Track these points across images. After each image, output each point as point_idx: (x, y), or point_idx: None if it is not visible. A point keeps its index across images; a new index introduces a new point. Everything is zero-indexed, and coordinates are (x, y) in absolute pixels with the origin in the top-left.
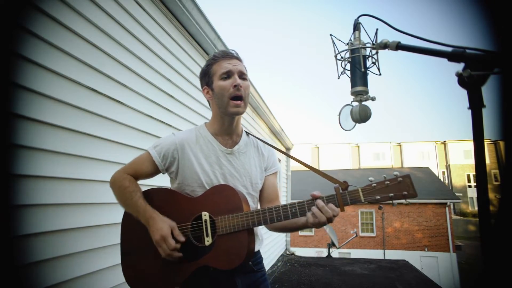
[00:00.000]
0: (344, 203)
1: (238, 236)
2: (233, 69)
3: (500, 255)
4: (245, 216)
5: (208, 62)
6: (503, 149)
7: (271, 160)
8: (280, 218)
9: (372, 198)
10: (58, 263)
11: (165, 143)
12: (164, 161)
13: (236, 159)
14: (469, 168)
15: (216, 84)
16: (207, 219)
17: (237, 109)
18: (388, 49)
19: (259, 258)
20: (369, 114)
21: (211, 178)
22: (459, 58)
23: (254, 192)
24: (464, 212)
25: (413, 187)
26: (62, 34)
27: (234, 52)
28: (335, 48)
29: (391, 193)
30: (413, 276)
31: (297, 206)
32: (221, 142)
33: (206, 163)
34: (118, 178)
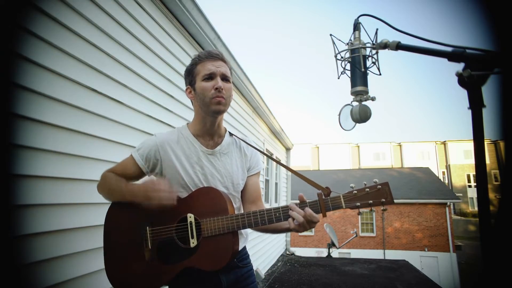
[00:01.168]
0: (326, 209)
1: (222, 238)
2: (216, 71)
3: (500, 255)
4: (230, 219)
5: (192, 61)
6: (503, 149)
7: (254, 160)
8: (264, 221)
9: (352, 204)
10: (58, 263)
11: (146, 145)
12: (147, 163)
13: (218, 160)
14: (469, 168)
15: (198, 85)
16: (192, 221)
17: (218, 106)
18: (388, 49)
19: (244, 255)
20: (369, 114)
21: (193, 178)
22: (459, 58)
23: (235, 192)
24: (464, 212)
25: (390, 195)
26: (62, 34)
27: (219, 54)
28: (335, 48)
29: (370, 200)
30: (413, 276)
31: (281, 210)
32: (203, 143)
33: (188, 163)
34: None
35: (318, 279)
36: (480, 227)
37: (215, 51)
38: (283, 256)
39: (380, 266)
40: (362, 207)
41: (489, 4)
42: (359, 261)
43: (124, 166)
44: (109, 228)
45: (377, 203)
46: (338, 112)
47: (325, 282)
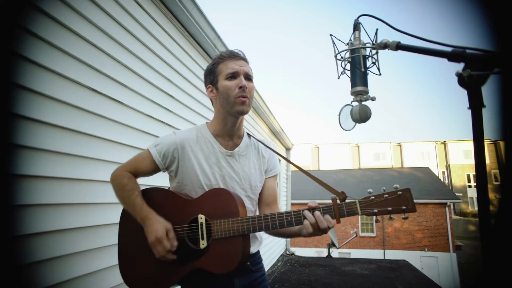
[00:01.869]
0: (341, 215)
1: (232, 241)
2: (240, 70)
3: (500, 255)
4: (241, 222)
5: (214, 61)
6: (503, 149)
7: (272, 162)
8: (275, 226)
9: (369, 211)
10: (58, 263)
11: (165, 142)
12: (164, 160)
13: (236, 162)
14: (469, 168)
15: (221, 84)
16: (203, 222)
17: (242, 107)
18: (388, 49)
19: (258, 259)
20: (369, 114)
21: (210, 180)
22: (459, 58)
23: (253, 195)
24: (464, 212)
25: (412, 202)
26: (62, 34)
27: (241, 53)
28: (335, 48)
29: (389, 207)
30: (413, 276)
31: (293, 215)
32: (222, 143)
33: (206, 164)
34: (118, 175)
35: (318, 279)
36: (480, 227)
37: (237, 50)
38: (283, 256)
39: (380, 266)
40: (380, 214)
41: (489, 4)
42: (359, 261)
43: (139, 161)
44: (123, 228)
45: (397, 210)
46: (338, 112)
47: (325, 282)
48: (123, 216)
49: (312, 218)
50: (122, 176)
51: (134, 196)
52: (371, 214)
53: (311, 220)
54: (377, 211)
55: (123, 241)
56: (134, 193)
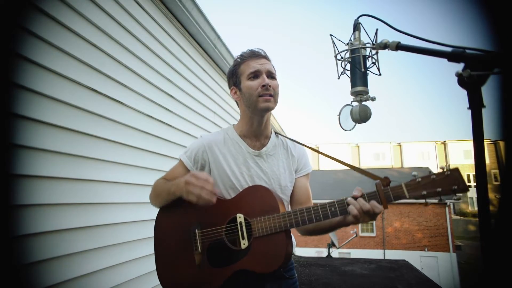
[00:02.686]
0: (387, 200)
1: (275, 238)
2: (261, 68)
3: (500, 255)
4: (282, 217)
5: (235, 62)
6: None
7: (302, 161)
8: (319, 218)
9: (417, 193)
10: (58, 263)
11: (194, 146)
12: (196, 164)
13: (264, 162)
14: (469, 168)
15: (244, 84)
16: (242, 221)
17: (267, 104)
18: (388, 49)
19: (291, 264)
20: (369, 114)
21: (239, 180)
22: (459, 58)
23: (283, 195)
24: (464, 212)
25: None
26: (62, 34)
27: (262, 51)
28: (335, 48)
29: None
30: (413, 276)
31: (337, 205)
32: (249, 143)
33: (234, 164)
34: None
35: (318, 279)
36: (480, 227)
37: (258, 49)
38: None
39: (380, 266)
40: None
41: (489, 4)
42: (359, 261)
43: (174, 171)
44: (159, 234)
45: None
46: (338, 112)
47: (325, 282)
48: (159, 221)
49: (356, 204)
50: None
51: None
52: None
53: (356, 206)
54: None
55: (161, 247)
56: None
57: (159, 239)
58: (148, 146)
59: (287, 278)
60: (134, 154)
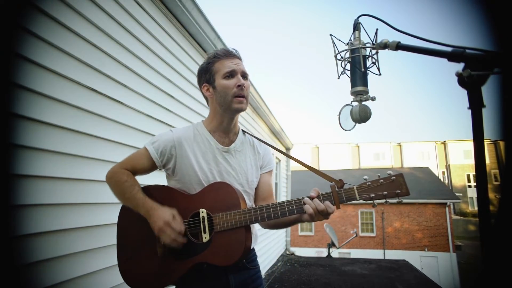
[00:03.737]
0: (340, 201)
1: (235, 233)
2: (237, 68)
3: (500, 255)
4: (243, 213)
5: (209, 60)
6: (503, 149)
7: (267, 158)
8: (277, 215)
9: (366, 196)
10: (58, 263)
11: (163, 139)
12: (162, 157)
13: (232, 157)
14: (469, 168)
15: (219, 83)
16: (204, 216)
17: (240, 105)
18: (388, 49)
19: (253, 256)
20: (369, 114)
21: (208, 176)
22: (459, 58)
23: (250, 190)
24: (464, 212)
25: (405, 186)
26: (62, 34)
27: (236, 51)
28: (335, 48)
29: (385, 191)
30: (413, 276)
31: (294, 203)
32: (218, 140)
33: (203, 160)
34: (115, 172)
35: (318, 279)
36: (480, 227)
37: (232, 49)
38: (283, 256)
39: (380, 266)
40: (377, 199)
41: (489, 4)
42: (359, 261)
43: (136, 159)
44: (122, 225)
45: (392, 194)
46: (338, 112)
47: (325, 282)
48: (121, 214)
49: (312, 203)
50: (121, 173)
51: (135, 192)
52: (368, 198)
53: (311, 205)
54: (373, 195)
55: (122, 239)
56: (135, 188)
57: (121, 229)
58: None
59: (249, 269)
60: None
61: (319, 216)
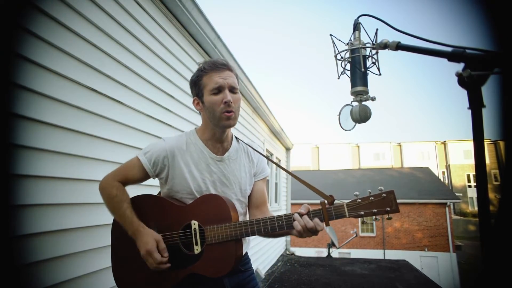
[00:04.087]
0: (329, 218)
1: (226, 245)
2: (223, 83)
3: (500, 255)
4: (234, 227)
5: (198, 72)
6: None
7: (261, 166)
8: (267, 230)
9: (356, 213)
10: (58, 263)
11: (155, 149)
12: (155, 167)
13: (227, 166)
14: (469, 168)
15: (207, 99)
16: (196, 228)
17: (228, 121)
18: (388, 49)
19: (246, 259)
20: (369, 114)
21: (201, 186)
22: (459, 58)
23: (243, 198)
24: (464, 212)
25: (395, 203)
26: (62, 34)
27: (225, 62)
28: (335, 48)
29: (375, 209)
30: (413, 276)
31: (284, 219)
32: (211, 149)
33: (196, 170)
34: (107, 185)
35: (318, 279)
36: (480, 227)
37: (220, 61)
38: (283, 256)
39: (380, 266)
40: (366, 216)
41: (489, 4)
42: (359, 261)
43: (128, 169)
44: (116, 233)
45: (382, 212)
46: (338, 112)
47: (325, 282)
48: (115, 223)
49: (301, 221)
50: (111, 186)
51: (124, 209)
52: (358, 216)
53: (300, 223)
54: (363, 213)
55: (116, 245)
56: (124, 205)
57: (115, 238)
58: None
59: (243, 271)
60: (134, 154)
61: (308, 233)
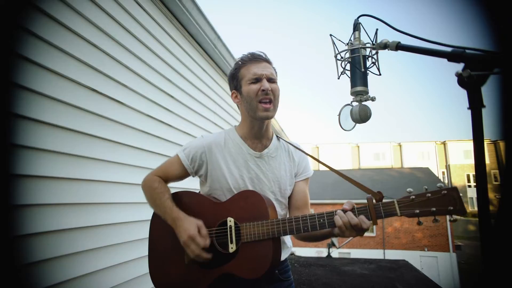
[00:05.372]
0: (377, 216)
1: (263, 244)
2: (262, 72)
3: (500, 255)
4: (271, 225)
5: (236, 65)
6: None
7: (302, 165)
8: (307, 228)
9: (410, 211)
10: (58, 263)
11: (193, 145)
12: (193, 163)
13: (265, 163)
14: (469, 168)
15: (245, 89)
16: (232, 225)
17: (266, 113)
18: (388, 49)
19: (286, 267)
20: (369, 114)
21: (238, 182)
22: (459, 58)
23: (282, 198)
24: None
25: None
26: (62, 34)
27: (263, 54)
28: (335, 48)
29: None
30: (413, 276)
31: (326, 216)
32: (250, 145)
33: (234, 166)
34: (148, 179)
35: (318, 279)
36: (480, 227)
37: (258, 52)
38: None
39: (380, 266)
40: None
41: (489, 4)
42: (359, 261)
43: (168, 166)
44: (153, 232)
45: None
46: (338, 112)
47: (325, 282)
48: (153, 220)
49: (344, 217)
50: (153, 180)
51: (165, 199)
52: (412, 215)
53: (343, 219)
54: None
55: (154, 245)
56: (165, 195)
57: (153, 237)
58: (148, 146)
59: (282, 280)
60: (134, 154)
61: (352, 232)
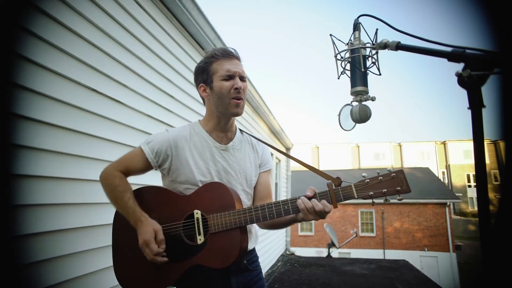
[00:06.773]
0: (337, 199)
1: (230, 234)
2: (235, 70)
3: (500, 255)
4: (237, 214)
5: (206, 59)
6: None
7: (265, 157)
8: (272, 215)
9: (365, 193)
10: (58, 263)
11: (158, 139)
12: (157, 158)
13: (231, 156)
14: (469, 168)
15: (217, 84)
16: (199, 217)
17: (237, 109)
18: (388, 49)
19: (254, 257)
20: (369, 114)
21: (205, 176)
22: (459, 58)
23: (249, 189)
24: (464, 212)
25: (406, 183)
26: (62, 34)
27: (234, 51)
28: (335, 48)
29: (384, 189)
30: (413, 276)
31: (290, 203)
32: (216, 139)
33: (200, 160)
34: (108, 175)
35: (318, 279)
36: (480, 227)
37: (231, 49)
38: (283, 256)
39: (380, 266)
40: (376, 197)
41: (489, 4)
42: (359, 261)
43: (130, 159)
44: (117, 226)
45: (392, 192)
46: (338, 112)
47: (325, 282)
48: (116, 216)
49: (308, 202)
50: (113, 176)
51: (126, 199)
52: (367, 197)
53: (307, 204)
54: (372, 193)
55: (118, 241)
56: (126, 195)
57: (116, 230)
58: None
59: (251, 270)
60: None
61: (315, 216)
